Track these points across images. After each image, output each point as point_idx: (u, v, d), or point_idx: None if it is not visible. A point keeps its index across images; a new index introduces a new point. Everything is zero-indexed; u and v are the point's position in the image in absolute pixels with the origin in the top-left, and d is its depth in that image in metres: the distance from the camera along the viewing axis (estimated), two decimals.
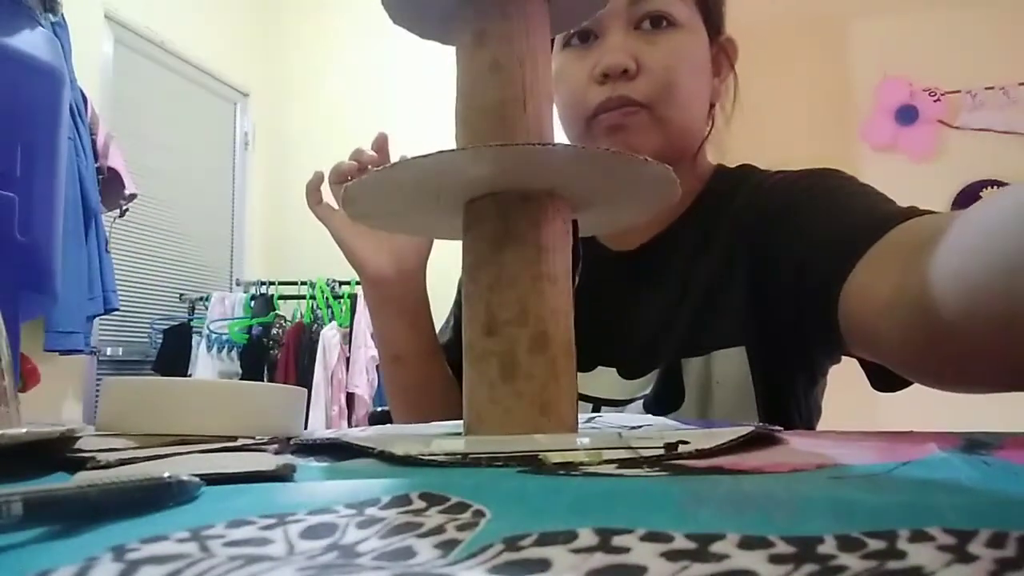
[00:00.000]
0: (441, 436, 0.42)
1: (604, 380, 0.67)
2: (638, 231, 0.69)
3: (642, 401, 0.65)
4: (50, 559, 0.19)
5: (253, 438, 0.42)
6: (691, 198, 0.67)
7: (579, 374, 0.64)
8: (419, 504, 0.25)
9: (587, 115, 0.62)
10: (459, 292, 0.77)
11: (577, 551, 0.18)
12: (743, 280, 0.63)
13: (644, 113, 0.60)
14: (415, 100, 3.48)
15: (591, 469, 0.33)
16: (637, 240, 0.69)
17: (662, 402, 0.64)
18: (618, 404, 0.66)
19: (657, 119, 0.61)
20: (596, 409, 0.66)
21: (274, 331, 3.21)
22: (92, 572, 0.17)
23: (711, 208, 0.66)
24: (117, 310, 2.52)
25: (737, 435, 0.37)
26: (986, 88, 2.54)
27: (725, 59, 0.69)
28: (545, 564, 0.17)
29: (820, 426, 0.70)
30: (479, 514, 0.23)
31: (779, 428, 0.44)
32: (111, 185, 2.45)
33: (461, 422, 0.45)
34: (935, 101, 2.58)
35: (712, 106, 0.68)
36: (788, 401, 0.64)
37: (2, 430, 0.32)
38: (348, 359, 3.12)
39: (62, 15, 2.09)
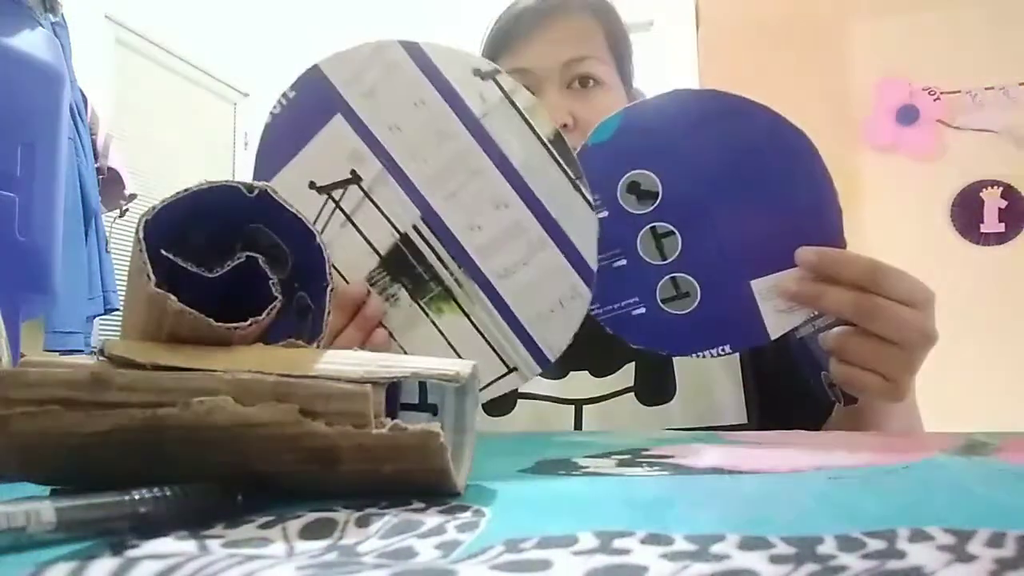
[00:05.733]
0: None
1: (578, 383, 0.70)
2: None
3: (633, 394, 0.67)
4: (49, 554, 0.19)
5: None
6: None
7: (554, 381, 0.68)
8: (419, 504, 0.25)
9: None
10: None
11: (578, 553, 0.18)
12: None
13: None
14: None
15: (592, 470, 0.33)
16: None
17: (653, 395, 0.67)
18: (597, 401, 0.69)
19: None
20: (578, 410, 0.69)
21: None
22: (90, 567, 0.17)
23: None
24: (117, 310, 2.52)
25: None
26: (986, 88, 2.54)
27: None
28: (546, 564, 0.17)
29: None
30: (479, 514, 0.23)
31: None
32: (111, 185, 2.44)
33: None
34: (935, 101, 2.58)
35: None
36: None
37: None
38: None
39: (62, 15, 2.09)
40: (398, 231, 0.52)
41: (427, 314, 0.52)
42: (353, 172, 0.51)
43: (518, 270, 0.51)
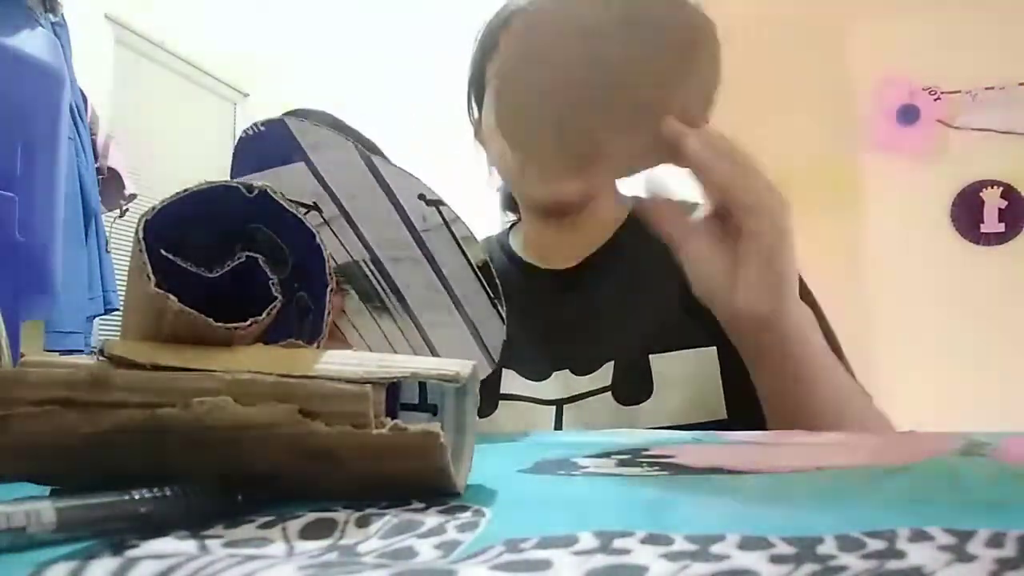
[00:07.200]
0: None
1: (559, 383, 0.70)
2: (571, 252, 0.76)
3: (609, 393, 0.68)
4: (49, 554, 0.19)
5: None
6: (620, 222, 0.78)
7: (536, 383, 0.69)
8: (419, 504, 0.25)
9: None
10: None
11: (578, 553, 0.18)
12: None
13: None
14: (415, 101, 3.48)
15: (592, 470, 0.33)
16: (572, 259, 0.76)
17: (630, 393, 0.67)
18: (576, 400, 0.69)
19: None
20: (559, 411, 0.69)
21: None
22: (91, 567, 0.17)
23: (642, 228, 0.74)
24: (117, 310, 2.52)
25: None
26: (986, 88, 2.54)
27: None
28: (546, 564, 0.17)
29: None
30: (479, 514, 0.23)
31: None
32: (111, 185, 2.44)
33: None
34: (935, 101, 2.58)
35: None
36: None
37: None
38: None
39: (62, 15, 2.09)
40: (351, 256, 0.58)
41: (371, 313, 0.60)
42: (315, 204, 0.57)
43: (441, 327, 0.59)
